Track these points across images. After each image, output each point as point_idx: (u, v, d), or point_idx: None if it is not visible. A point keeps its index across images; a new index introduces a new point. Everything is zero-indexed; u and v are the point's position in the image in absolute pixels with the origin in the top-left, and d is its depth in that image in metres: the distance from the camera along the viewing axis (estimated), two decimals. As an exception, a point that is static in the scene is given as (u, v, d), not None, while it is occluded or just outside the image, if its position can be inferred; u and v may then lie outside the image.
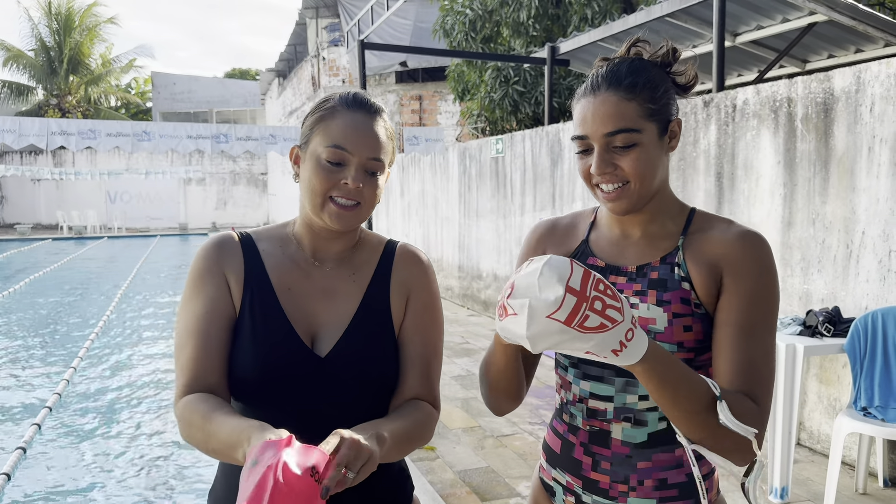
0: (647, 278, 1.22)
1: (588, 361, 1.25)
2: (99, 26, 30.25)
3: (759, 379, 1.13)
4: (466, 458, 3.94)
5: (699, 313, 1.18)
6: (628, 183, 1.17)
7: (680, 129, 1.22)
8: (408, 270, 1.33)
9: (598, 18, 8.71)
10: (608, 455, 1.23)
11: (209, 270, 1.25)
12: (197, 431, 1.13)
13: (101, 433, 4.73)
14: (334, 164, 1.21)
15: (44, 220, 27.40)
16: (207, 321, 1.22)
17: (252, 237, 1.32)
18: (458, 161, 9.46)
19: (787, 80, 4.21)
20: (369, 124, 1.24)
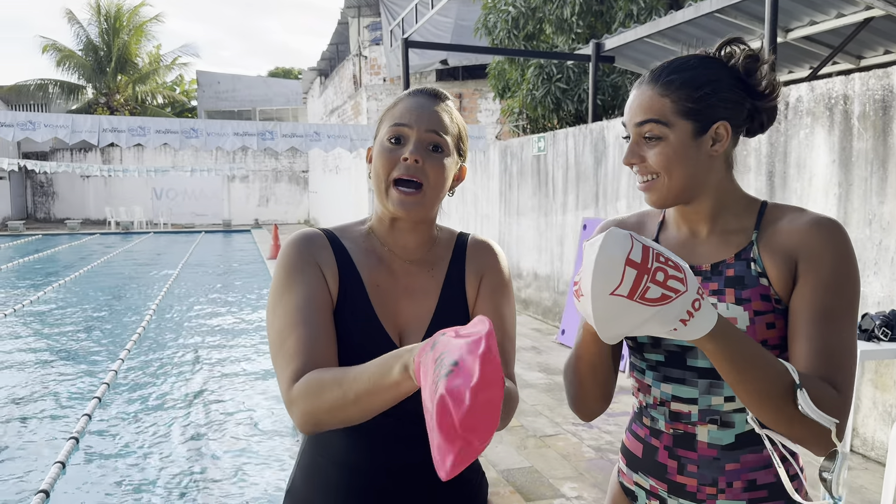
0: (724, 276, 1.20)
1: (668, 363, 1.24)
2: (145, 25, 30.92)
3: (840, 365, 1.09)
4: (509, 458, 3.92)
5: (780, 309, 1.16)
6: (658, 176, 1.18)
7: (728, 134, 1.18)
8: (480, 258, 1.32)
9: (643, 15, 8.59)
10: (694, 458, 1.21)
11: (304, 262, 1.21)
12: (331, 387, 1.03)
13: (147, 422, 4.83)
14: (395, 143, 1.20)
15: (92, 216, 28.12)
16: (310, 310, 1.16)
17: (336, 233, 1.29)
18: (500, 159, 9.42)
19: (844, 77, 4.09)
20: (430, 105, 1.24)
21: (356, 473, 1.21)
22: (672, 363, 1.23)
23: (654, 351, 1.25)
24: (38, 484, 3.69)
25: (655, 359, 1.25)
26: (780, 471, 1.10)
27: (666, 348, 1.23)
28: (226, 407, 5.20)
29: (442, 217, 1.35)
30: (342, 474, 1.22)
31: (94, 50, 30.34)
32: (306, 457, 1.27)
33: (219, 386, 5.77)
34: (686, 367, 1.21)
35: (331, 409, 1.04)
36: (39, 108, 29.88)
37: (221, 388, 5.69)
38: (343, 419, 1.05)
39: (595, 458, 3.89)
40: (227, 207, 27.97)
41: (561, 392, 5.16)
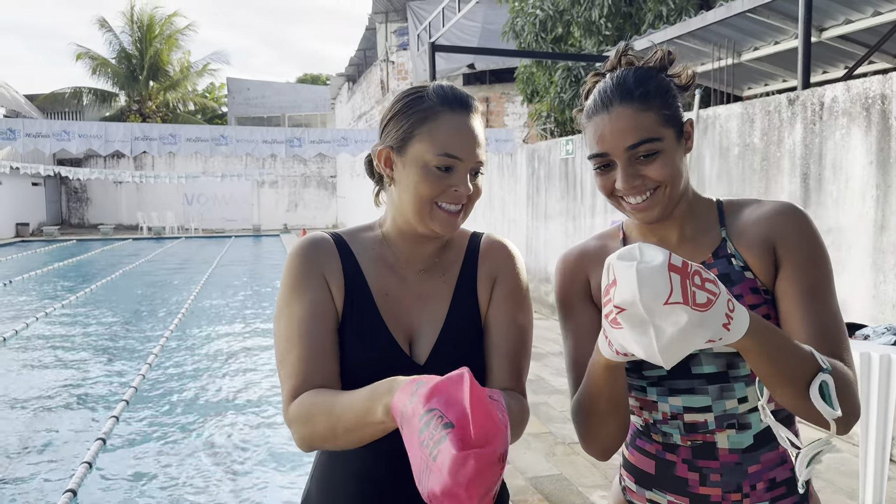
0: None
1: (672, 376, 1.19)
2: (177, 34, 31.43)
3: (839, 339, 1.12)
4: (537, 465, 3.87)
5: (769, 299, 1.17)
6: (658, 189, 1.15)
7: (693, 130, 1.21)
8: (493, 260, 1.28)
9: (673, 16, 8.48)
10: (716, 467, 1.19)
11: (308, 272, 1.20)
12: (320, 418, 1.06)
13: (174, 423, 4.87)
14: (443, 170, 1.16)
15: (125, 221, 28.61)
16: (311, 324, 1.16)
17: (345, 238, 1.27)
18: (527, 163, 9.37)
19: (881, 76, 3.98)
20: (472, 125, 1.19)
21: (375, 485, 1.20)
22: (676, 375, 1.19)
23: (652, 367, 1.20)
24: (65, 483, 3.73)
25: (657, 374, 1.21)
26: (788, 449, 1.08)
27: None
28: (248, 416, 5.22)
29: (469, 222, 1.32)
30: (360, 486, 1.20)
31: (126, 58, 30.91)
32: (322, 469, 1.26)
33: (243, 393, 5.80)
34: (692, 375, 1.18)
35: (323, 438, 1.07)
36: (74, 115, 30.51)
37: (246, 395, 5.72)
38: (337, 447, 1.08)
39: (625, 466, 3.83)
40: (256, 212, 28.27)
41: (590, 398, 5.09)
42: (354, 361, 1.18)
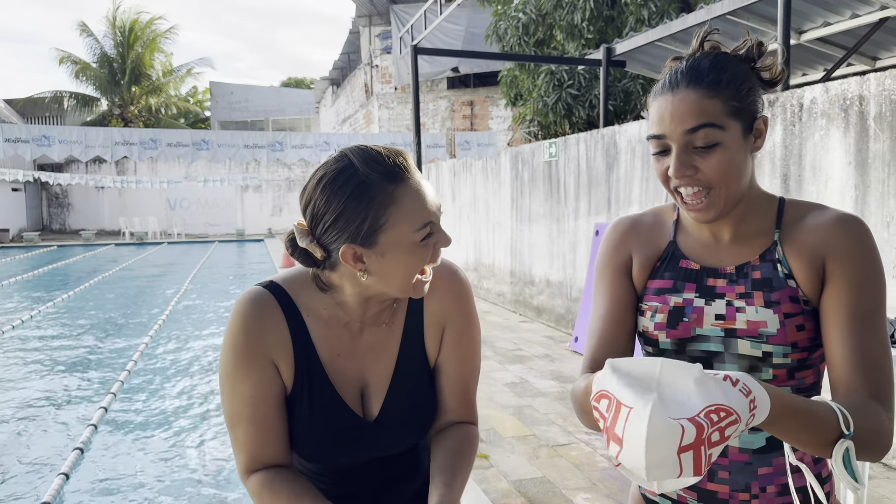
0: (750, 279, 1.16)
1: None
2: (159, 38, 31.22)
3: (881, 368, 1.05)
4: (521, 468, 3.85)
5: (808, 310, 1.13)
6: (712, 189, 1.10)
7: (766, 128, 1.15)
8: (442, 297, 1.26)
9: (654, 19, 8.53)
10: (726, 464, 1.17)
11: (254, 352, 1.17)
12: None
13: (154, 432, 4.81)
14: (426, 238, 1.14)
15: (107, 227, 28.34)
16: (255, 405, 1.17)
17: (292, 298, 1.21)
18: (511, 165, 9.38)
19: (859, 78, 4.02)
20: (429, 187, 1.17)
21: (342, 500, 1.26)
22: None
23: (677, 359, 1.19)
24: (41, 494, 3.67)
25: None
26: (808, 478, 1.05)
27: (690, 355, 1.19)
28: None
29: (454, 226, 1.33)
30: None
31: (108, 62, 30.66)
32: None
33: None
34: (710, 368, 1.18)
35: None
36: (55, 120, 30.22)
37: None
38: None
39: (608, 468, 3.82)
40: (240, 217, 28.10)
41: (574, 400, 5.09)
42: (306, 426, 1.21)
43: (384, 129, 17.85)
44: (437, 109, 18.35)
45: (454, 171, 11.67)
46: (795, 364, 1.13)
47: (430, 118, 18.28)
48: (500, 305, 9.74)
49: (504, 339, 7.44)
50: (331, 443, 1.20)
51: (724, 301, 1.16)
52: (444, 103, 18.36)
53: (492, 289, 10.06)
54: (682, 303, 1.20)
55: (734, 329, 1.14)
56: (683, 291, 1.21)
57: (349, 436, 1.21)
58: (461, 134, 10.30)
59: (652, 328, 1.22)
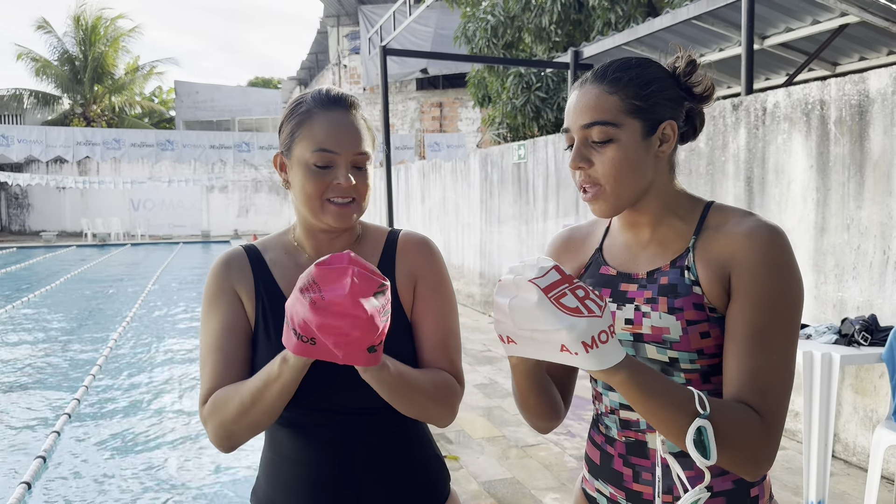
0: (658, 284, 1.16)
1: None
2: (123, 37, 30.68)
3: (766, 388, 1.04)
4: (490, 469, 3.86)
5: (715, 318, 1.11)
6: (600, 185, 1.13)
7: (675, 134, 1.15)
8: (411, 257, 1.32)
9: (621, 23, 8.62)
10: (648, 465, 1.18)
11: (220, 289, 1.28)
12: (232, 399, 1.16)
13: (120, 437, 4.72)
14: (323, 167, 1.21)
15: (69, 228, 27.76)
16: (224, 338, 1.25)
17: (258, 249, 1.34)
18: (480, 167, 9.40)
19: (820, 83, 4.10)
20: (348, 120, 1.24)
21: (309, 468, 1.24)
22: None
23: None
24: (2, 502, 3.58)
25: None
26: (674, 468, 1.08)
27: None
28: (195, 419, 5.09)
29: (424, 227, 1.33)
30: (296, 471, 1.25)
31: (70, 60, 30.04)
32: (265, 457, 1.31)
33: (190, 398, 5.66)
34: None
35: (236, 416, 1.16)
36: (14, 119, 29.51)
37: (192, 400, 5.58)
38: (249, 424, 1.16)
39: (577, 468, 3.85)
40: (205, 218, 27.74)
41: (543, 401, 5.12)
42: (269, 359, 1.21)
43: (353, 130, 17.77)
44: (406, 111, 18.32)
45: (424, 173, 11.65)
46: (708, 369, 1.13)
47: (399, 119, 18.25)
48: (469, 307, 9.75)
49: (474, 340, 7.45)
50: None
51: (633, 306, 1.17)
52: (413, 104, 18.34)
53: (461, 290, 10.07)
54: None
55: (641, 334, 1.15)
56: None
57: (317, 370, 1.18)
58: (431, 135, 10.30)
59: None
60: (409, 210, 12.40)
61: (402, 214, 12.71)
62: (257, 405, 1.14)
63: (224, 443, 1.20)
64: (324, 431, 1.23)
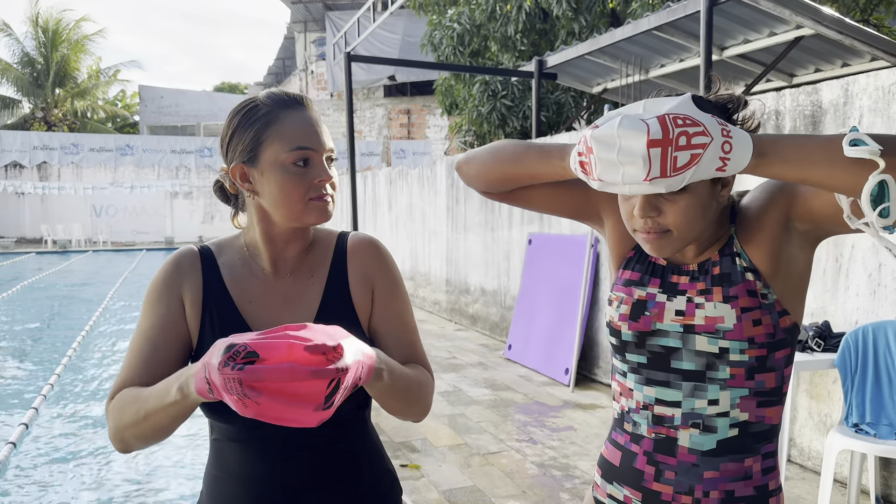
0: (710, 274, 1.18)
1: (651, 366, 1.22)
2: (85, 40, 30.13)
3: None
4: (452, 477, 3.85)
5: (766, 304, 1.14)
6: (670, 232, 1.12)
7: (733, 178, 1.16)
8: (364, 260, 1.30)
9: (585, 33, 8.72)
10: (673, 464, 1.19)
11: (165, 288, 1.24)
12: (129, 406, 1.11)
13: (75, 451, 4.60)
14: (302, 165, 1.19)
15: (28, 234, 27.09)
16: (154, 336, 1.21)
17: (212, 250, 1.30)
18: (447, 174, 9.41)
19: (775, 93, 4.19)
20: (314, 117, 1.24)
21: (254, 484, 1.21)
22: (655, 365, 1.21)
23: (637, 352, 1.23)
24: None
25: (637, 360, 1.23)
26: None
27: (650, 349, 1.22)
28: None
29: (391, 234, 1.33)
30: (240, 487, 1.21)
31: (30, 63, 29.41)
32: (208, 472, 1.27)
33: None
34: (670, 369, 1.19)
35: (129, 426, 1.11)
36: (-28, 122, 28.75)
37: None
38: (140, 436, 1.11)
39: (538, 475, 3.85)
40: (169, 224, 27.28)
41: (507, 408, 5.12)
42: None
43: (320, 137, 17.70)
44: (373, 117, 18.28)
45: (391, 180, 11.63)
46: (754, 363, 1.15)
47: (367, 126, 18.19)
48: (435, 314, 9.74)
49: (439, 347, 7.44)
50: None
51: (684, 297, 1.19)
52: (381, 111, 18.30)
53: (428, 297, 10.05)
54: (645, 296, 1.23)
55: (692, 325, 1.17)
56: (648, 285, 1.24)
57: None
58: (396, 142, 10.29)
59: (616, 318, 1.26)
60: (375, 217, 12.35)
61: (370, 221, 12.65)
62: (149, 422, 1.09)
63: (117, 445, 1.16)
64: (270, 446, 1.20)
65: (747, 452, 1.18)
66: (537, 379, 6.00)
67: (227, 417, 1.17)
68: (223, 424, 1.21)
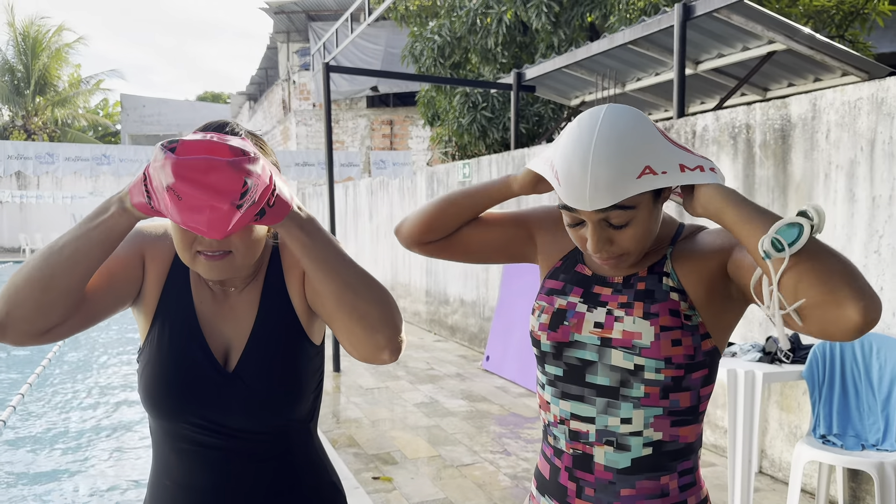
0: (634, 289, 1.18)
1: (567, 379, 1.21)
2: (66, 48, 29.91)
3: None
4: (424, 489, 3.83)
5: (689, 325, 1.14)
6: (626, 254, 1.15)
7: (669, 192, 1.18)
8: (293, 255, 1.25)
9: (564, 46, 8.78)
10: (591, 481, 1.18)
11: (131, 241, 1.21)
12: (35, 256, 1.05)
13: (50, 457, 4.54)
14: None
15: (6, 244, 26.80)
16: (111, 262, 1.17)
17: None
18: (426, 185, 9.42)
19: (746, 107, 4.24)
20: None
21: (194, 494, 1.19)
22: (571, 378, 1.20)
23: (554, 363, 1.22)
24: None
25: (554, 372, 1.22)
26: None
27: (566, 361, 1.20)
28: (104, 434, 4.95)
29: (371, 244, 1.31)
30: (183, 495, 1.20)
31: (10, 71, 29.14)
32: (152, 479, 1.25)
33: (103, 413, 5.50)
34: (585, 383, 1.18)
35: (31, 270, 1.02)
36: (-50, 130, 28.40)
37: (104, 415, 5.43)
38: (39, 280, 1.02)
39: (510, 487, 3.85)
40: (151, 234, 27.07)
41: (483, 419, 5.12)
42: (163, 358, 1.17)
43: (302, 146, 17.65)
44: (356, 128, 18.28)
45: (371, 190, 11.62)
46: (670, 382, 1.14)
47: (349, 136, 18.19)
48: (415, 325, 9.72)
49: (417, 358, 7.42)
50: (183, 388, 1.15)
51: (605, 309, 1.18)
52: (363, 122, 18.30)
53: (408, 308, 10.04)
54: (565, 305, 1.23)
55: (609, 338, 1.16)
56: (570, 295, 1.24)
57: (204, 381, 1.16)
58: (377, 153, 10.29)
59: (536, 328, 1.26)
60: (356, 227, 12.34)
61: (350, 231, 12.63)
62: (65, 251, 1.03)
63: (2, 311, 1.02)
64: (212, 456, 1.19)
65: (663, 471, 1.17)
66: (514, 390, 6.01)
67: (171, 415, 1.17)
68: (167, 424, 1.19)
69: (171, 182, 0.92)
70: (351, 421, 5.08)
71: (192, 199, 0.92)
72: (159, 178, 0.94)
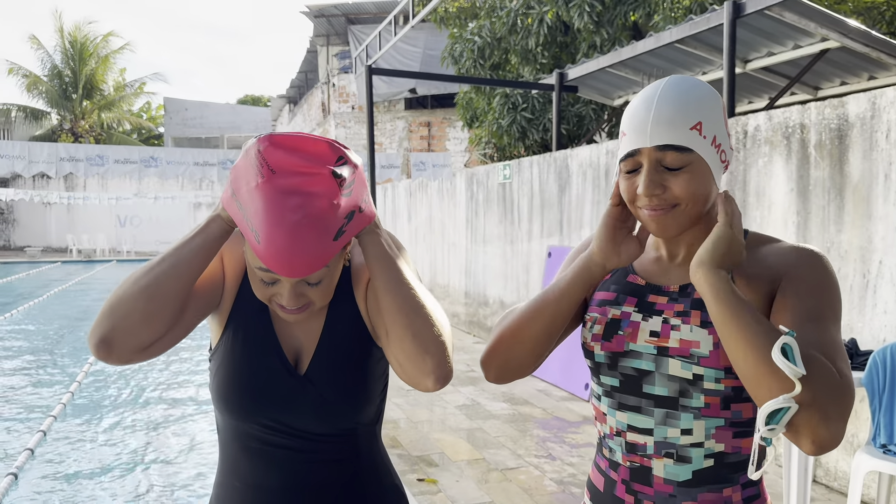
0: (691, 298, 1.15)
1: (623, 389, 1.18)
2: (114, 54, 30.64)
3: (833, 353, 1.00)
4: (469, 492, 3.80)
5: None
6: (678, 205, 1.10)
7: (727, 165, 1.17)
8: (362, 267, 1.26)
9: (606, 45, 8.69)
10: (650, 494, 1.15)
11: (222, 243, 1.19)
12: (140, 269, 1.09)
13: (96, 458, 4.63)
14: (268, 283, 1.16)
15: (54, 244, 27.52)
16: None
17: None
18: (466, 187, 9.40)
19: (800, 107, 4.13)
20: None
21: (262, 493, 1.20)
22: (627, 389, 1.17)
23: (609, 374, 1.19)
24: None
25: (610, 383, 1.19)
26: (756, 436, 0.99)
27: (622, 371, 1.17)
28: (169, 431, 5.02)
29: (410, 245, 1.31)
30: (254, 495, 1.20)
31: (59, 76, 29.96)
32: (219, 480, 1.25)
33: (166, 412, 5.58)
34: (642, 393, 1.15)
35: (135, 281, 1.06)
36: (2, 134, 29.30)
37: (168, 414, 5.50)
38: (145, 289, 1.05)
39: (557, 492, 3.80)
40: (193, 235, 27.54)
41: (525, 422, 5.07)
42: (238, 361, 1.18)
43: (341, 149, 17.79)
44: (394, 130, 18.36)
45: (410, 192, 11.65)
46: (730, 392, 1.10)
47: (387, 138, 18.27)
48: (454, 327, 9.70)
49: (457, 360, 7.40)
50: (257, 389, 1.16)
51: (660, 318, 1.15)
52: (401, 124, 18.38)
53: (446, 309, 10.02)
54: (619, 315, 1.20)
55: (667, 347, 1.12)
56: (623, 304, 1.21)
57: (277, 384, 1.17)
58: (416, 154, 10.31)
59: (589, 339, 1.22)
60: (395, 228, 12.37)
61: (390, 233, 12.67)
62: (167, 261, 1.08)
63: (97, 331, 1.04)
64: (279, 457, 1.19)
65: (725, 483, 1.13)
66: (556, 394, 5.95)
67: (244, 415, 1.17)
68: (238, 423, 1.19)
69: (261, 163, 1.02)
70: (392, 422, 5.08)
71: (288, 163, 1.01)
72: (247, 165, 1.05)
